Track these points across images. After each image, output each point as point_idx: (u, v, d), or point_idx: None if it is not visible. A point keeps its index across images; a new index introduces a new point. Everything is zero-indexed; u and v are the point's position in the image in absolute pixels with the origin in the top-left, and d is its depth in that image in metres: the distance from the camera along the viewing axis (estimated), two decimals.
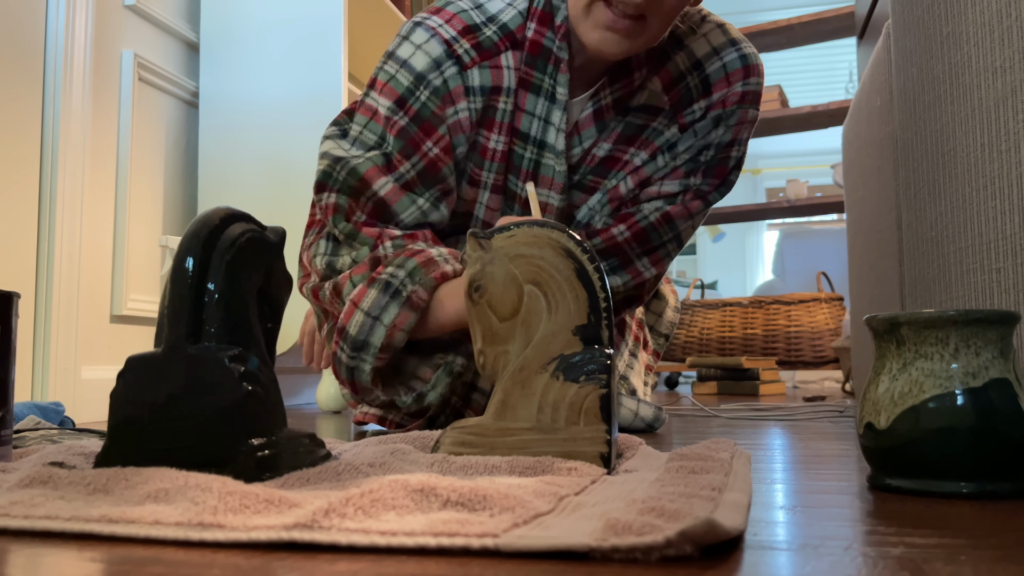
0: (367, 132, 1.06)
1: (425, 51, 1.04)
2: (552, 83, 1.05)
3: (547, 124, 1.06)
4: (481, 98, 1.05)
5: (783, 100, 3.29)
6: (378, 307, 0.98)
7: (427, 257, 0.99)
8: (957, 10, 0.87)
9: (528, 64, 1.06)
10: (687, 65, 1.10)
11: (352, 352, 0.99)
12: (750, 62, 1.10)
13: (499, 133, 1.07)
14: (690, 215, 1.12)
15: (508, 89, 1.06)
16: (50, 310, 1.56)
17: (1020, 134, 0.72)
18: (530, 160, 1.08)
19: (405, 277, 0.98)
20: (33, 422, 1.04)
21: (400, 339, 0.99)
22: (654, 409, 1.13)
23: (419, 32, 1.05)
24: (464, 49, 1.04)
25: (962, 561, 0.39)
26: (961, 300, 0.87)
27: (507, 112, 1.06)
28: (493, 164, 1.08)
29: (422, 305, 0.98)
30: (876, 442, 0.60)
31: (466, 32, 1.05)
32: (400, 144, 1.04)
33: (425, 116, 1.04)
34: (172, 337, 0.59)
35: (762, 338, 2.91)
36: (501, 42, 1.06)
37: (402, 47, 1.05)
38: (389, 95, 1.04)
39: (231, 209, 0.64)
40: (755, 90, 1.10)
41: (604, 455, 0.65)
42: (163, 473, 0.51)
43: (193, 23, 2.05)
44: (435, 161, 1.04)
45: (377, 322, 0.98)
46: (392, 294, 0.98)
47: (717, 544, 0.41)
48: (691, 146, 1.10)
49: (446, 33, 1.04)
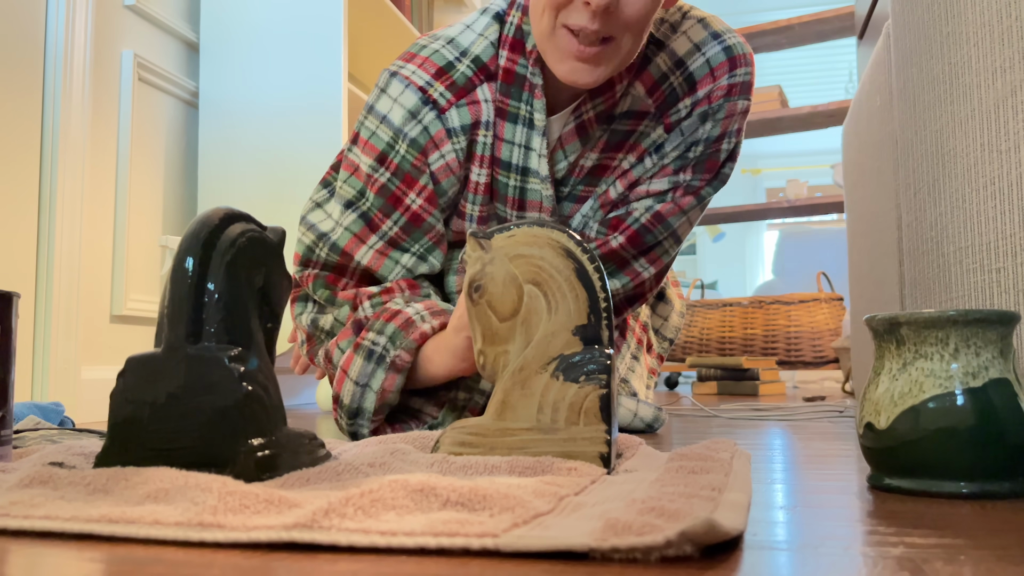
0: (346, 187, 1.08)
1: (401, 103, 1.05)
2: (529, 109, 1.05)
3: (528, 150, 1.06)
4: (464, 137, 1.06)
5: (783, 100, 3.29)
6: (365, 375, 1.00)
7: (405, 319, 1.01)
8: (957, 10, 0.87)
9: (503, 93, 1.06)
10: (669, 65, 1.08)
11: (349, 419, 1.02)
12: (735, 53, 1.07)
13: (480, 166, 1.07)
14: (682, 211, 1.10)
15: (487, 123, 1.06)
16: (50, 310, 1.56)
17: (1020, 134, 0.72)
18: (515, 188, 1.08)
19: (387, 343, 1.00)
20: (33, 422, 1.04)
21: (392, 399, 1.01)
22: (654, 409, 1.13)
23: (395, 84, 1.06)
24: (439, 92, 1.05)
25: (962, 561, 0.39)
26: (961, 300, 0.87)
27: (487, 144, 1.07)
28: (477, 197, 1.08)
29: (406, 366, 1.00)
30: (876, 442, 0.60)
31: (439, 74, 1.06)
32: (380, 202, 1.06)
33: (406, 169, 1.05)
34: (172, 337, 0.59)
35: (762, 338, 2.91)
36: (475, 76, 1.06)
37: (380, 101, 1.07)
38: (370, 152, 1.06)
39: (231, 209, 0.64)
40: (743, 80, 1.07)
41: (604, 455, 0.65)
42: (163, 473, 0.51)
43: (193, 23, 2.05)
44: (418, 214, 1.06)
45: (367, 389, 1.00)
46: (376, 360, 1.00)
47: (717, 544, 0.41)
48: (679, 144, 1.09)
49: (420, 80, 1.05)
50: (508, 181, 1.08)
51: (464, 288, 0.71)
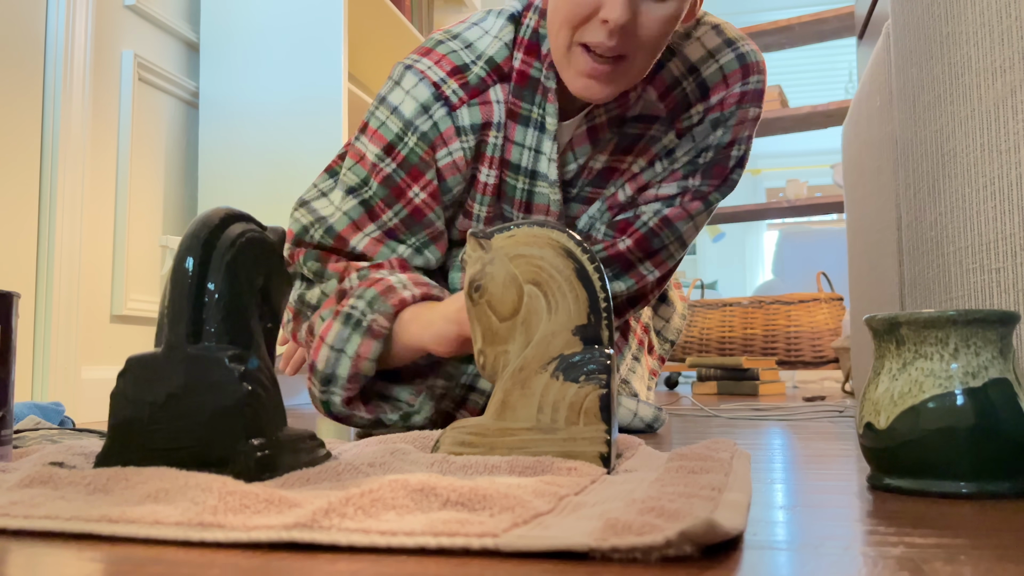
0: (350, 174, 1.08)
1: (413, 96, 1.05)
2: (541, 113, 1.05)
3: (538, 154, 1.06)
4: (473, 136, 1.06)
5: (783, 100, 3.29)
6: (341, 340, 0.99)
7: (386, 285, 1.00)
8: (957, 10, 0.87)
9: (516, 95, 1.06)
10: (682, 71, 1.08)
11: (322, 386, 1.01)
12: (748, 60, 1.08)
13: (490, 167, 1.07)
14: (690, 216, 1.11)
15: (498, 124, 1.06)
16: (50, 310, 1.56)
17: (1020, 134, 0.72)
18: (523, 190, 1.08)
19: (365, 307, 0.99)
20: (33, 422, 1.04)
21: (367, 368, 0.99)
22: (654, 409, 1.13)
23: (409, 76, 1.06)
24: (452, 90, 1.05)
25: (962, 561, 0.39)
26: (961, 300, 0.87)
27: (497, 146, 1.07)
28: (485, 198, 1.09)
29: (384, 333, 0.99)
30: (876, 442, 0.60)
31: (455, 72, 1.06)
32: (384, 192, 1.05)
33: (413, 161, 1.05)
34: (172, 337, 0.59)
35: (762, 338, 2.91)
36: (488, 76, 1.06)
37: (393, 93, 1.07)
38: (378, 142, 1.06)
39: (231, 209, 0.64)
40: (755, 88, 1.08)
41: (604, 455, 0.65)
42: (163, 473, 0.51)
43: (193, 23, 2.05)
44: (420, 208, 1.06)
45: (341, 354, 0.99)
46: (353, 325, 0.99)
47: (717, 544, 0.41)
48: (689, 150, 1.09)
49: (435, 75, 1.06)
50: (516, 183, 1.08)
51: (464, 288, 0.71)
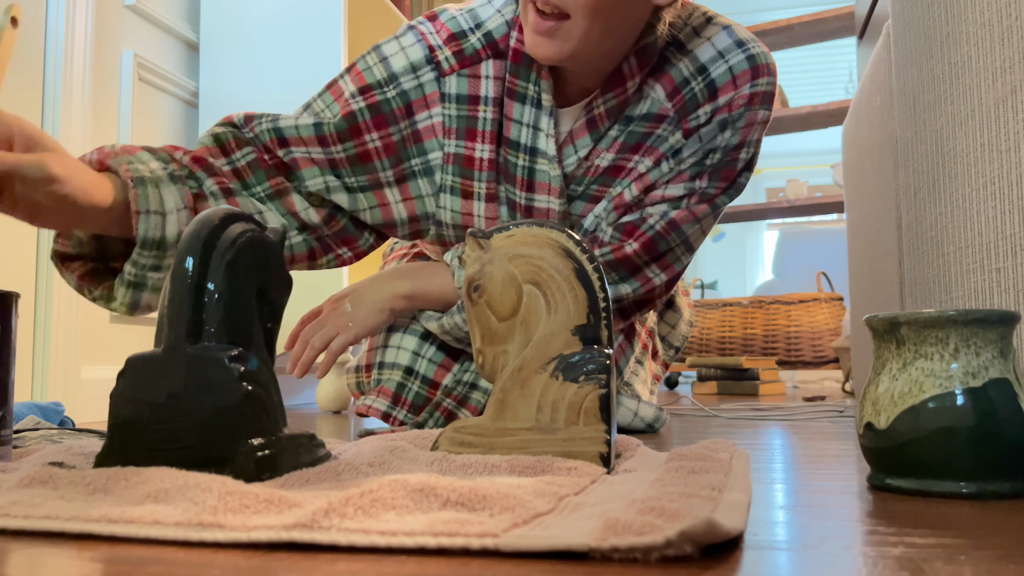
0: (320, 101, 1.09)
1: (407, 53, 1.08)
2: (537, 90, 1.06)
3: (536, 131, 1.07)
4: (456, 106, 1.08)
5: (783, 100, 3.29)
6: None
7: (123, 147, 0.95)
8: (957, 10, 0.87)
9: (512, 73, 1.07)
10: (691, 70, 1.08)
11: None
12: (758, 62, 1.07)
13: (483, 142, 1.08)
14: (696, 219, 1.10)
15: (486, 98, 1.08)
16: (50, 310, 1.56)
17: (1020, 134, 0.72)
18: (524, 168, 1.08)
19: None
20: (33, 422, 1.04)
21: None
22: (654, 409, 1.13)
23: (409, 35, 1.09)
24: (445, 56, 1.08)
25: (962, 561, 0.39)
26: (961, 300, 0.87)
27: (488, 120, 1.08)
28: (483, 173, 1.09)
29: None
30: (876, 442, 0.60)
31: (451, 40, 1.08)
32: (344, 126, 1.06)
33: (383, 110, 1.06)
34: (172, 337, 0.59)
35: (762, 338, 2.91)
36: (483, 50, 1.08)
37: (388, 44, 1.10)
38: (357, 81, 1.08)
39: (231, 209, 0.64)
40: (765, 90, 1.07)
41: (603, 455, 0.65)
42: (163, 473, 0.51)
43: (193, 23, 2.05)
44: (369, 152, 1.07)
45: None
46: None
47: (717, 544, 0.41)
48: (696, 151, 1.09)
49: (432, 40, 1.08)
50: (517, 161, 1.09)
51: (464, 288, 0.71)
